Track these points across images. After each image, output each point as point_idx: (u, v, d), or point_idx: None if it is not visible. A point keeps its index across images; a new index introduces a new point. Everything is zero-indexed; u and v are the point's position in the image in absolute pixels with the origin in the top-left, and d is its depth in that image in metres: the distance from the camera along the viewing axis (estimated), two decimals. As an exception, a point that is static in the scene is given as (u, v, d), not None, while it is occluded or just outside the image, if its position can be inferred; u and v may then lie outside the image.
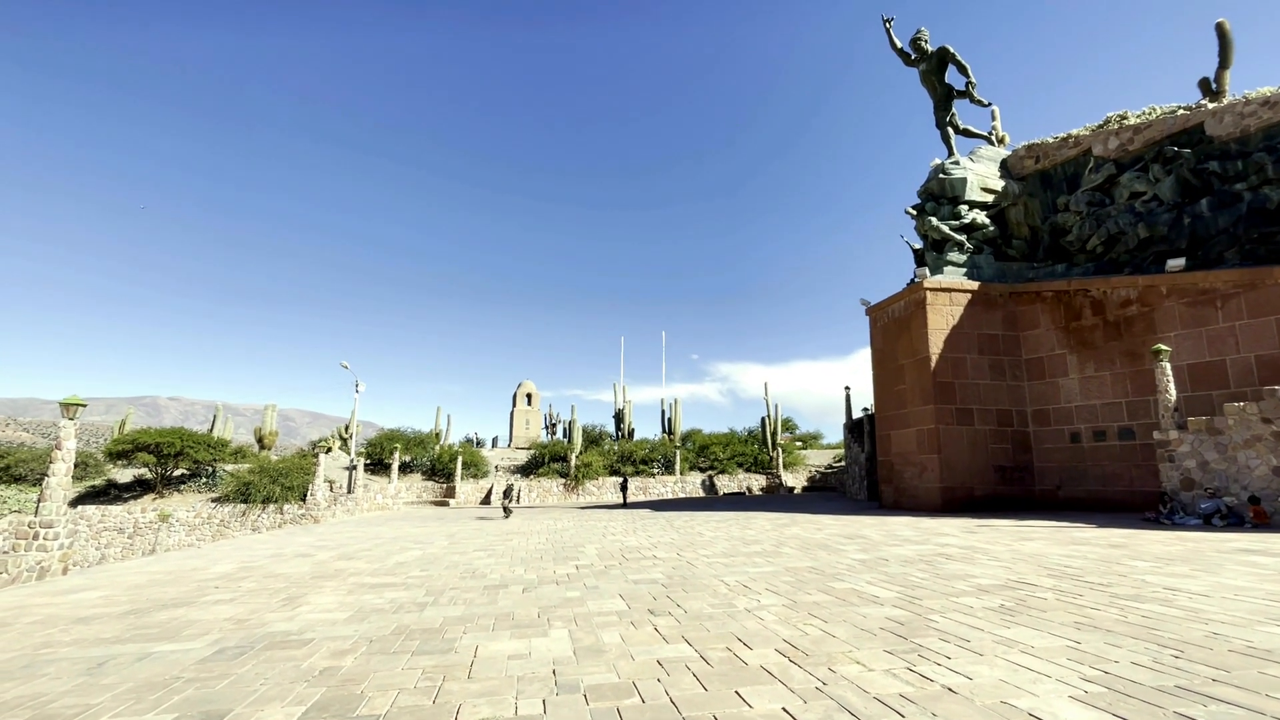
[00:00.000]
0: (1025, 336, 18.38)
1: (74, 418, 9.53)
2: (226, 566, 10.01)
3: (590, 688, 3.81)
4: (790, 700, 3.50)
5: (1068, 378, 17.29)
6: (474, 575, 8.39)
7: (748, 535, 12.44)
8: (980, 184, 20.01)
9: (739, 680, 3.85)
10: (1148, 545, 9.61)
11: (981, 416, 17.75)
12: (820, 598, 6.26)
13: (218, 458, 26.75)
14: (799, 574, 7.72)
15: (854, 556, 9.09)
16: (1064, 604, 5.68)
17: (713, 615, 5.63)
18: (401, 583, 7.92)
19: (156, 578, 8.96)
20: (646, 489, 35.87)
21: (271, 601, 6.91)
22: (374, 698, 3.73)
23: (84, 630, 5.79)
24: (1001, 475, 17.50)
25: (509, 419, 61.75)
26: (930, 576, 7.30)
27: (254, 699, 3.77)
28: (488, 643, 4.92)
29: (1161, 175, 16.81)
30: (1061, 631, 4.76)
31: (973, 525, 13.25)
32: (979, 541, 10.53)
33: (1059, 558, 8.52)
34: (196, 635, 5.45)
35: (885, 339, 20.15)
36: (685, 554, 9.91)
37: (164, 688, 4.04)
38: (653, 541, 11.86)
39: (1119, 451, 16.02)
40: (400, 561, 9.99)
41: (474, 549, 11.53)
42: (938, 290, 18.32)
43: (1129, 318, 16.24)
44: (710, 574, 7.91)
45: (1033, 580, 6.91)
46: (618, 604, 6.26)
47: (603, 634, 5.09)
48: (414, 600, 6.73)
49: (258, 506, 23.35)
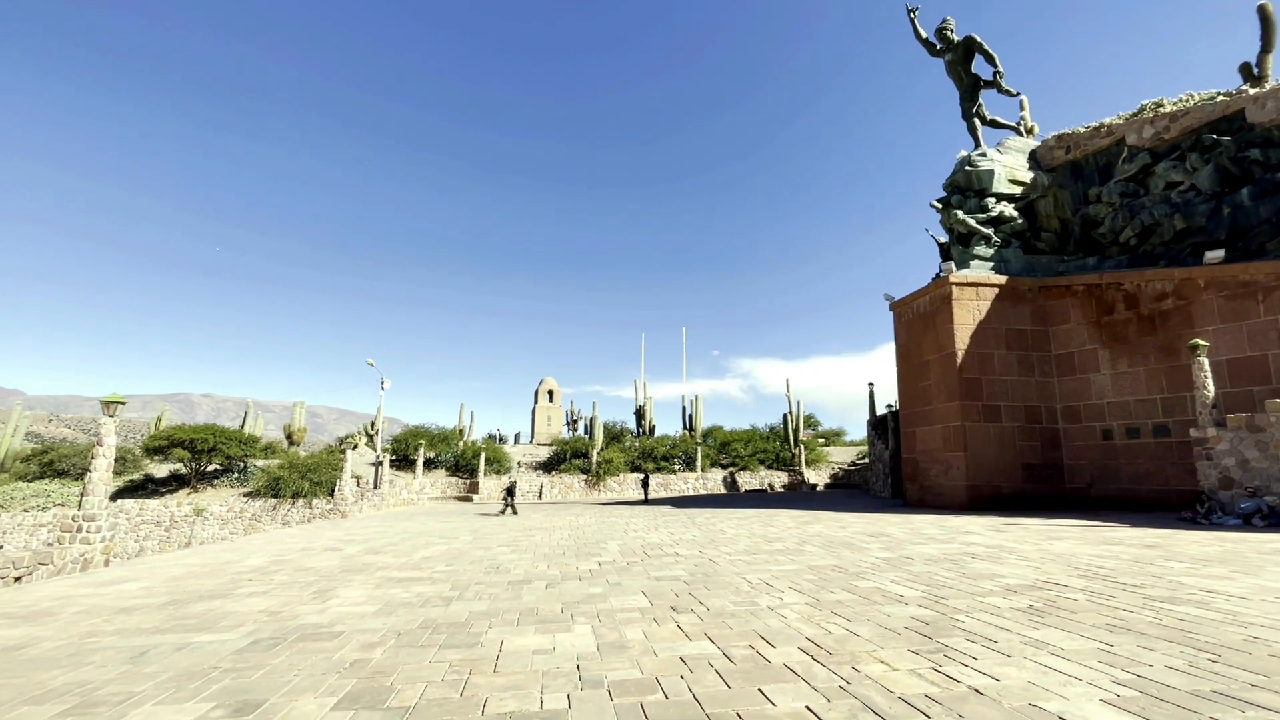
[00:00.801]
0: (1055, 331, 17.95)
1: (114, 415, 9.86)
2: (259, 560, 10.29)
3: (614, 683, 3.85)
4: (814, 699, 3.49)
5: (1099, 373, 16.86)
6: (498, 570, 8.50)
7: (770, 533, 12.40)
8: (1008, 176, 19.57)
9: (762, 678, 3.86)
10: (1184, 546, 9.35)
11: (1009, 413, 17.41)
12: (844, 596, 6.22)
13: (248, 453, 27.43)
14: (822, 572, 7.68)
15: (878, 555, 9.01)
16: (1095, 605, 5.57)
17: (735, 613, 5.63)
18: (427, 577, 8.06)
19: (193, 570, 9.24)
20: (668, 485, 35.90)
21: (303, 594, 7.09)
22: (403, 689, 3.81)
23: (126, 620, 6.00)
24: (1029, 473, 17.15)
25: (531, 415, 62.25)
26: (956, 576, 7.21)
27: (288, 689, 3.88)
28: (513, 637, 4.99)
29: (1199, 164, 16.26)
30: (1093, 633, 4.67)
31: (999, 524, 13.02)
32: (1006, 540, 10.35)
33: (1090, 558, 8.34)
34: (232, 626, 5.62)
35: (910, 335, 19.86)
36: (707, 551, 9.91)
37: (202, 677, 4.18)
38: (674, 539, 11.88)
39: (1154, 449, 15.59)
40: (426, 556, 10.17)
41: (498, 544, 11.67)
42: (964, 285, 17.99)
43: (1164, 312, 15.76)
44: (732, 571, 7.91)
45: (1062, 581, 6.78)
46: (640, 601, 6.30)
47: (626, 630, 5.13)
48: (440, 595, 6.85)
49: (287, 501, 23.91)
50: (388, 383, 28.62)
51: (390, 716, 3.39)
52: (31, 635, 5.51)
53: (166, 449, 25.12)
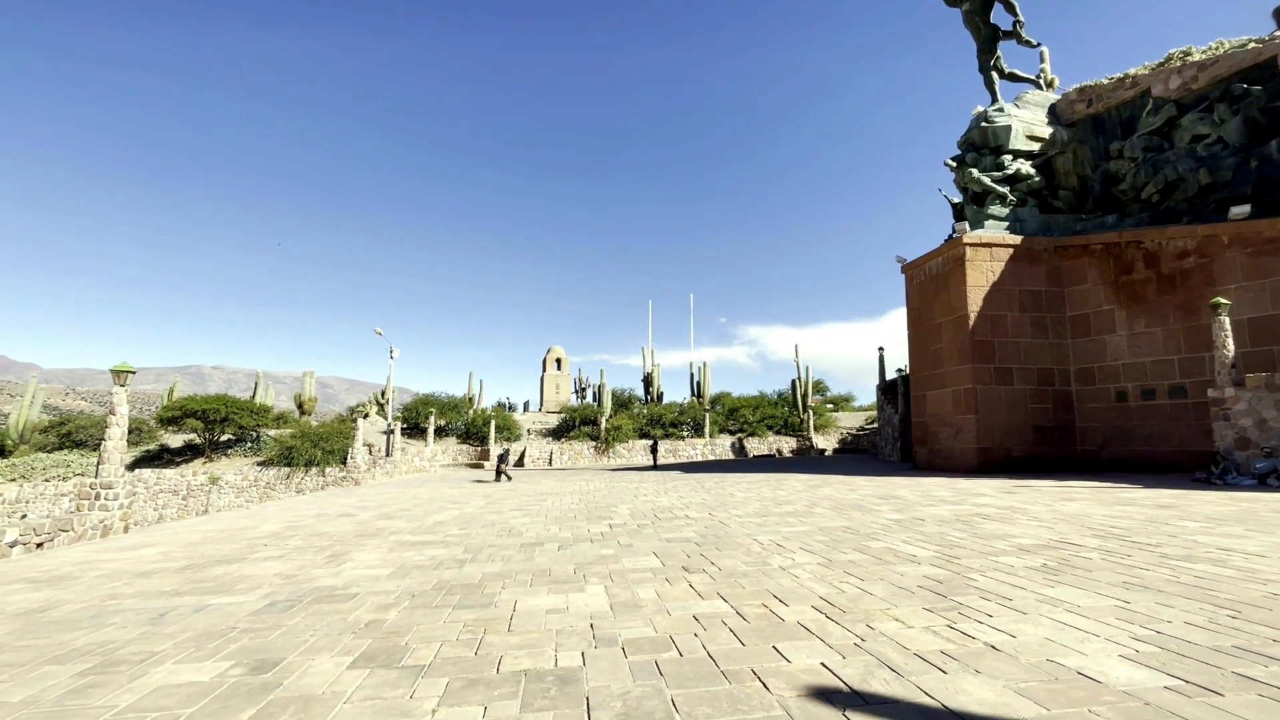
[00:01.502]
0: (1070, 292, 17.61)
1: (125, 384, 9.91)
2: (274, 526, 10.44)
3: (628, 641, 3.85)
4: (829, 655, 3.48)
5: (1115, 334, 16.58)
6: (510, 534, 8.57)
7: (779, 496, 12.44)
8: (1025, 131, 18.95)
9: (776, 636, 3.85)
10: (1198, 506, 9.29)
11: (1021, 376, 17.22)
12: (855, 556, 6.22)
13: (260, 423, 27.76)
14: (833, 533, 7.69)
15: (889, 516, 9.00)
16: (1110, 564, 5.53)
17: (747, 573, 5.64)
18: (440, 541, 8.14)
19: (210, 536, 9.39)
20: (676, 452, 36.14)
21: (317, 558, 7.17)
22: (418, 649, 3.83)
23: (145, 584, 6.10)
24: (1041, 435, 17.06)
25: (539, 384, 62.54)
26: (968, 536, 7.19)
27: (305, 649, 3.91)
28: (526, 598, 5.02)
29: (1227, 115, 15.63)
30: (1109, 591, 4.63)
31: (1010, 486, 13.00)
32: (1018, 502, 10.32)
33: (1103, 518, 8.30)
34: (249, 589, 5.69)
35: (922, 297, 19.56)
36: (717, 514, 9.95)
37: (221, 637, 4.23)
38: (684, 502, 11.95)
39: (1169, 410, 15.41)
40: (439, 521, 10.27)
41: (509, 509, 11.78)
42: (978, 245, 17.61)
43: (1185, 270, 15.38)
44: (743, 533, 7.93)
45: (1076, 540, 6.74)
46: (652, 561, 6.32)
47: (638, 590, 5.15)
48: (453, 557, 6.91)
49: (300, 469, 24.26)
50: (396, 351, 28.71)
51: (406, 675, 3.40)
52: (54, 598, 5.61)
53: (180, 419, 25.45)
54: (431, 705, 3.01)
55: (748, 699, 2.94)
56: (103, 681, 3.46)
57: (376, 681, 3.32)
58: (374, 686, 3.26)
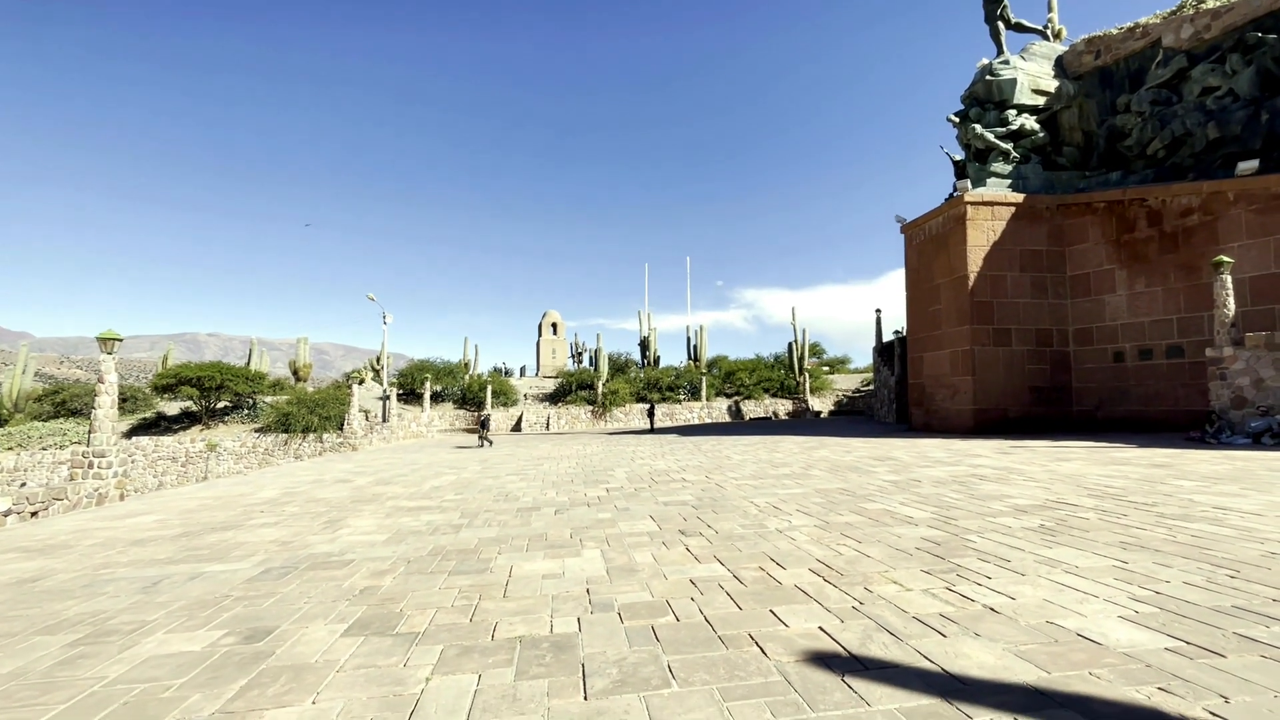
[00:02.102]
0: (1071, 252, 17.39)
1: (112, 352, 9.75)
2: (271, 492, 10.43)
3: (624, 606, 3.82)
4: (826, 619, 3.45)
5: (1115, 294, 16.45)
6: (507, 498, 8.57)
7: (776, 458, 12.47)
8: (1031, 85, 18.40)
9: (773, 599, 3.82)
10: (1193, 464, 9.33)
11: (1020, 337, 17.15)
12: (852, 518, 6.21)
13: (256, 390, 27.66)
14: (829, 495, 7.69)
15: (885, 478, 9.02)
16: (1107, 524, 5.53)
17: (744, 536, 5.62)
18: (437, 506, 8.13)
19: (206, 503, 9.37)
20: (673, 415, 36.30)
21: (313, 525, 7.15)
22: (413, 615, 3.80)
23: (140, 552, 6.07)
24: (1037, 396, 17.09)
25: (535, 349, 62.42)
26: (965, 497, 7.20)
27: (299, 616, 3.88)
28: (522, 563, 5.00)
29: (1240, 66, 15.16)
30: (1107, 551, 4.62)
31: (1006, 446, 13.06)
32: (1013, 462, 10.36)
33: (1099, 478, 8.32)
34: (244, 556, 5.66)
35: (921, 258, 19.32)
36: (714, 477, 9.97)
37: (214, 605, 4.19)
38: (681, 465, 11.97)
39: (1165, 370, 15.41)
40: (435, 486, 10.27)
41: (506, 473, 11.80)
42: (979, 204, 17.29)
43: (1189, 228, 15.15)
44: (740, 496, 7.93)
45: (1073, 500, 6.75)
46: (648, 525, 6.31)
47: (635, 554, 5.13)
48: (449, 523, 6.89)
49: (298, 436, 24.29)
50: (390, 317, 28.45)
51: (400, 642, 3.37)
52: (47, 567, 5.57)
53: (175, 387, 25.33)
54: (425, 674, 2.97)
55: (745, 664, 2.91)
56: (93, 652, 3.42)
57: (370, 650, 3.29)
58: (367, 655, 3.22)
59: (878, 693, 2.58)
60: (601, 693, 2.70)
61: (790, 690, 2.64)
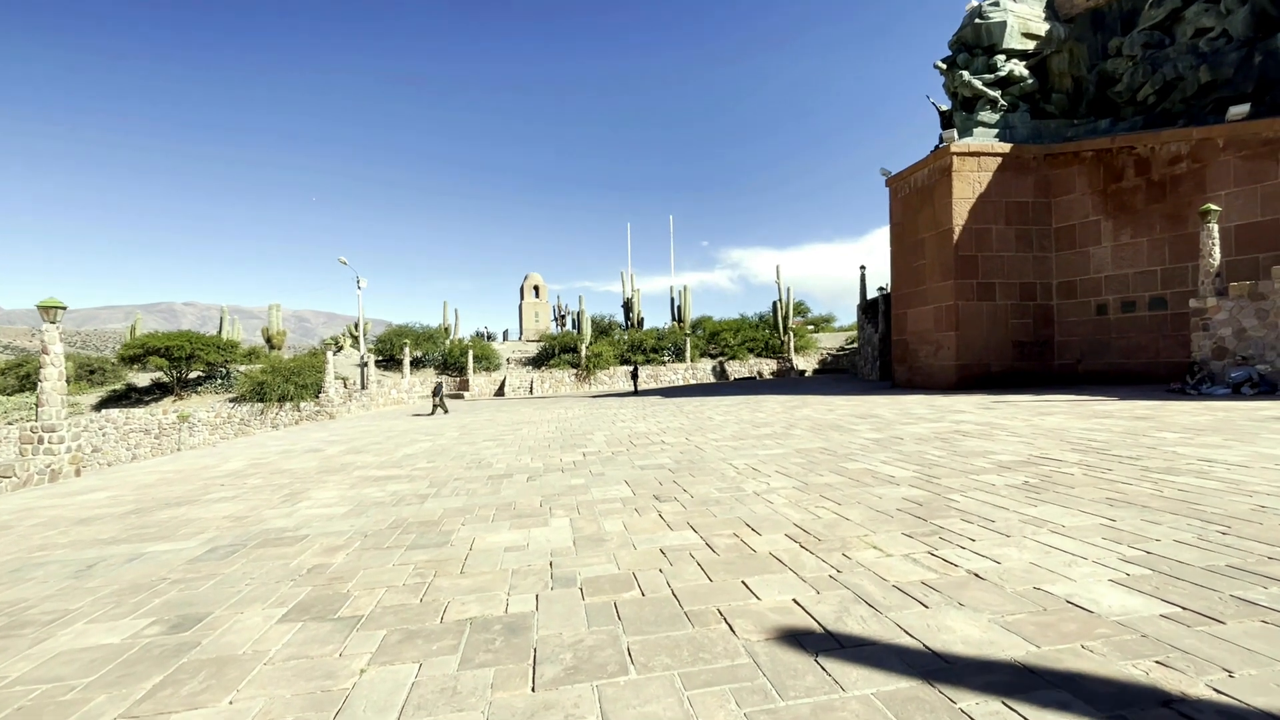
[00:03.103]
0: (1058, 203, 17.09)
1: (55, 320, 9.18)
2: (237, 464, 10.07)
3: (587, 580, 3.57)
4: (801, 591, 3.22)
5: (1100, 246, 16.24)
6: (479, 465, 8.29)
7: (758, 418, 12.30)
8: (1021, 29, 17.73)
9: (746, 569, 3.59)
10: (1175, 416, 9.26)
11: (1004, 291, 16.97)
12: (832, 479, 6.01)
13: (229, 359, 26.94)
14: (810, 455, 7.50)
15: (867, 436, 8.85)
16: (1093, 479, 5.37)
17: (720, 500, 5.40)
18: (406, 475, 7.83)
19: (167, 476, 9.01)
20: (657, 377, 36.14)
21: (273, 498, 6.83)
22: (359, 597, 3.52)
23: (82, 532, 5.73)
24: (1020, 351, 17.03)
25: (518, 312, 61.60)
26: (948, 454, 7.03)
27: (236, 600, 3.59)
28: (485, 535, 4.73)
29: (1234, 5, 14.63)
30: (1093, 509, 4.44)
31: (989, 402, 12.98)
32: (996, 418, 10.25)
33: (1081, 431, 8.21)
34: (192, 534, 5.34)
35: (906, 211, 18.93)
36: (694, 438, 9.75)
37: (148, 589, 3.89)
38: (661, 427, 11.76)
39: (1147, 322, 15.35)
40: (408, 454, 9.97)
41: (483, 439, 11.52)
42: (966, 155, 16.84)
43: (1176, 176, 14.86)
44: (719, 458, 7.72)
45: (1056, 455, 6.60)
46: (623, 490, 6.07)
47: (605, 522, 4.88)
48: (416, 492, 6.60)
49: (274, 405, 23.77)
50: (364, 281, 27.61)
51: (340, 628, 3.09)
52: (-21, 551, 5.22)
53: (142, 357, 24.55)
54: (361, 664, 2.70)
55: (711, 645, 2.67)
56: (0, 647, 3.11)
57: (305, 637, 3.01)
58: (301, 643, 2.94)
59: (853, 675, 2.35)
60: (551, 682, 2.45)
61: (759, 674, 2.40)
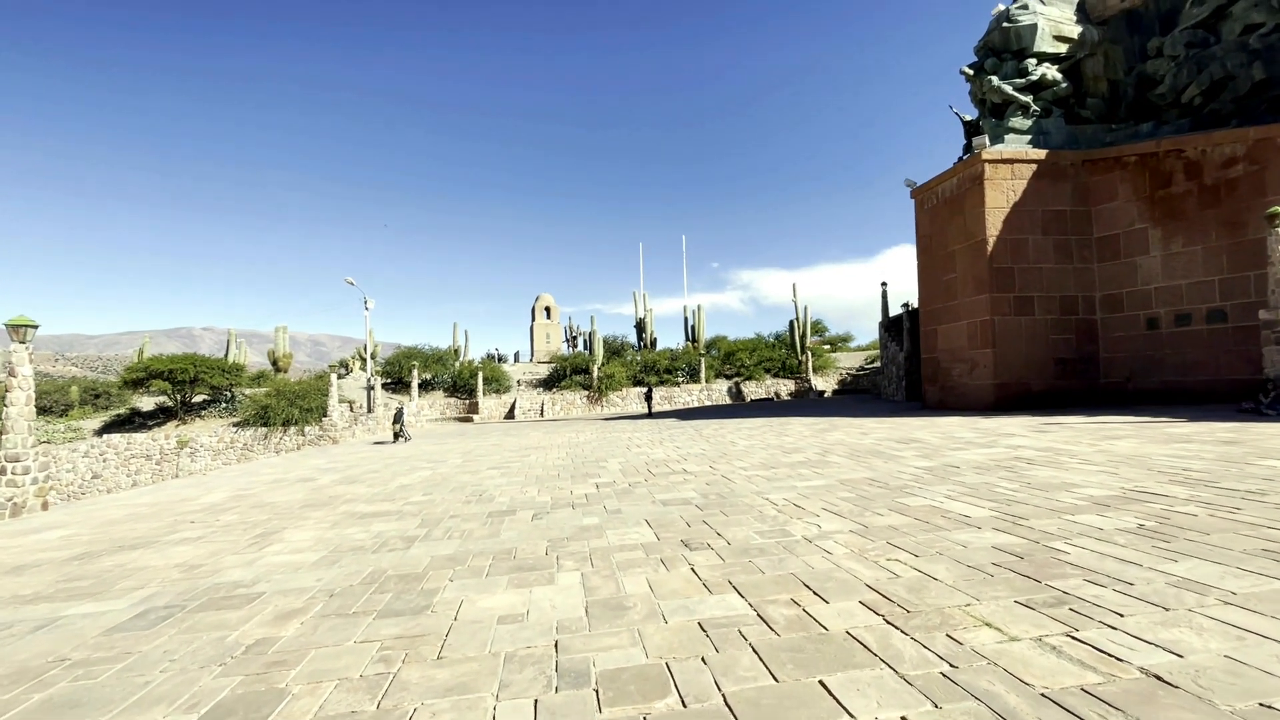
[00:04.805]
0: (1098, 211, 16.08)
1: (25, 340, 8.48)
2: (218, 496, 9.24)
3: (605, 675, 2.63)
4: (910, 700, 2.25)
5: (1148, 255, 15.17)
6: (480, 499, 7.37)
7: (786, 443, 11.29)
8: (1053, 31, 16.95)
9: (821, 661, 2.63)
10: (1269, 441, 8.14)
11: (1043, 305, 15.91)
12: (895, 520, 5.02)
13: (234, 382, 26.38)
14: (858, 488, 6.50)
15: (916, 464, 7.83)
16: (1225, 523, 4.33)
17: (763, 548, 4.43)
18: (396, 511, 6.93)
19: (138, 511, 8.18)
20: (671, 398, 35.14)
21: (241, 540, 5.95)
22: (297, 698, 2.60)
23: (6, 584, 4.86)
24: (1062, 368, 15.90)
25: (529, 333, 61.11)
26: (1020, 487, 6.01)
27: (136, 699, 2.69)
28: (476, 596, 3.80)
29: (1288, -2, 13.76)
30: (1256, 566, 3.42)
31: (1038, 423, 11.88)
32: (1056, 442, 9.18)
33: (1166, 459, 7.14)
34: (130, 590, 4.46)
35: (933, 223, 18.00)
36: (719, 467, 8.78)
37: (33, 678, 3.00)
38: (681, 453, 10.78)
39: (1206, 336, 14.19)
40: (404, 484, 9.08)
41: (487, 467, 10.61)
42: (998, 162, 15.95)
43: (1232, 180, 13.83)
44: (751, 490, 6.74)
45: (1156, 489, 5.55)
46: (644, 533, 5.12)
47: (625, 579, 3.94)
48: (402, 534, 5.69)
49: (278, 429, 23.08)
50: (371, 302, 27.11)
51: (252, 759, 2.17)
52: (-123, 610, 4.36)
53: (145, 381, 24.03)
54: (263, 838, 1.77)
55: (800, 815, 1.71)
56: None
57: (201, 776, 2.09)
58: (191, 789, 2.02)
59: None
60: None
61: None
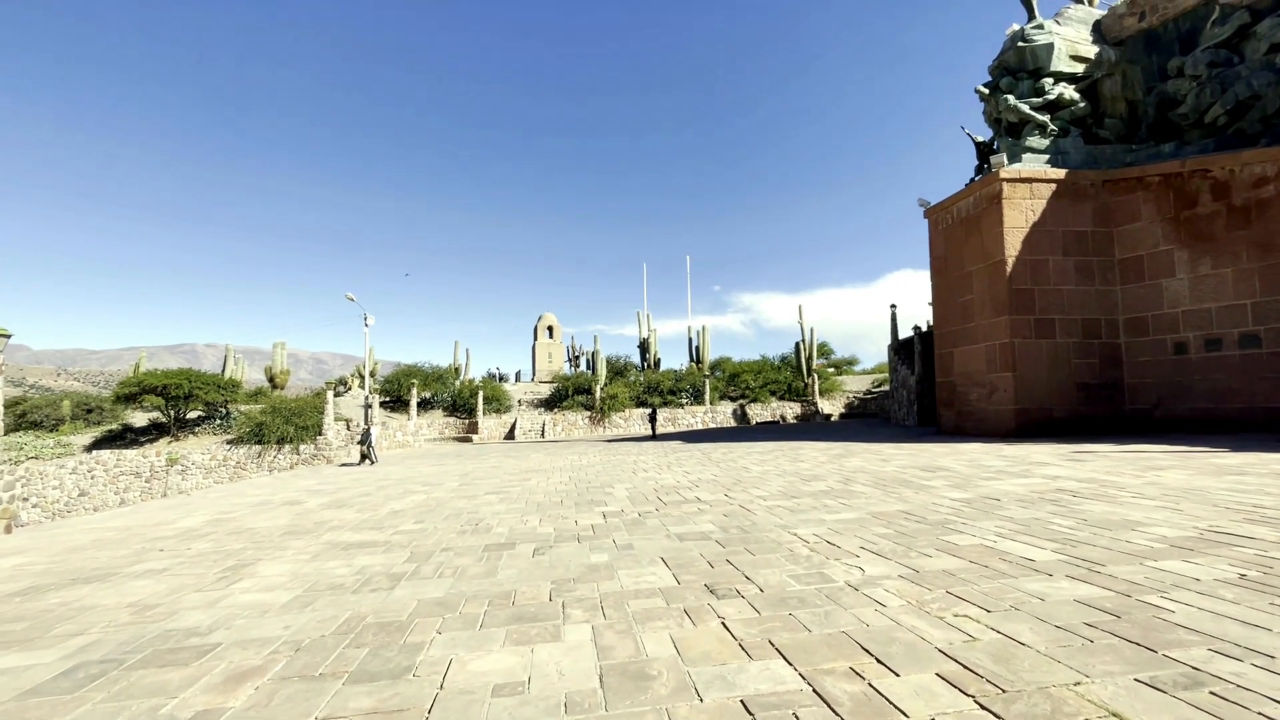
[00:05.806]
0: (1121, 232, 15.62)
1: (-4, 351, 7.99)
2: (197, 519, 8.61)
3: (629, 783, 2.01)
4: (1052, 843, 1.64)
5: (1175, 278, 14.66)
6: (476, 529, 6.75)
7: (802, 469, 10.66)
8: (1069, 51, 16.68)
9: (912, 768, 2.01)
10: (1334, 474, 7.51)
11: (1064, 328, 15.36)
12: (948, 563, 4.40)
13: (229, 399, 25.81)
14: (893, 522, 5.87)
15: (951, 496, 7.20)
16: (1344, 573, 3.72)
17: (802, 597, 3.81)
18: (384, 541, 6.31)
19: (105, 536, 7.56)
20: (675, 420, 34.46)
21: (208, 574, 5.33)
22: (227, 809, 1.99)
23: (-69, 626, 4.25)
24: (1085, 394, 15.29)
25: (531, 353, 60.62)
26: (1076, 524, 5.39)
27: (23, 804, 2.07)
28: (467, 655, 3.19)
29: (1315, 17, 13.46)
30: None
31: (1068, 451, 11.25)
32: (1095, 472, 8.55)
33: (1227, 494, 6.51)
34: (67, 637, 3.85)
35: (949, 244, 17.55)
36: (735, 495, 8.15)
37: (-91, 764, 2.38)
38: (692, 479, 10.15)
39: (1238, 362, 13.60)
40: (395, 510, 8.45)
41: (485, 491, 9.98)
42: (1016, 181, 15.54)
43: (1263, 200, 13.38)
44: (776, 523, 6.12)
45: (1235, 529, 4.94)
46: (661, 575, 4.50)
47: (644, 635, 3.32)
48: (388, 570, 5.07)
49: (273, 447, 22.44)
50: (371, 319, 26.70)
51: None
52: None
53: (138, 395, 23.47)
54: None
55: None
56: None
57: None
58: None
59: None
60: None
61: None
